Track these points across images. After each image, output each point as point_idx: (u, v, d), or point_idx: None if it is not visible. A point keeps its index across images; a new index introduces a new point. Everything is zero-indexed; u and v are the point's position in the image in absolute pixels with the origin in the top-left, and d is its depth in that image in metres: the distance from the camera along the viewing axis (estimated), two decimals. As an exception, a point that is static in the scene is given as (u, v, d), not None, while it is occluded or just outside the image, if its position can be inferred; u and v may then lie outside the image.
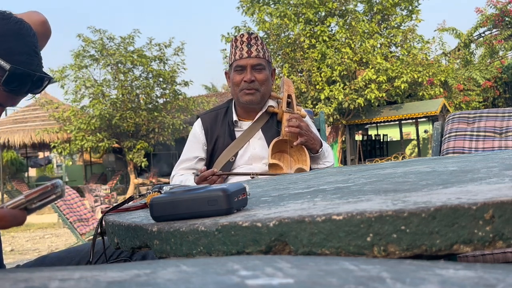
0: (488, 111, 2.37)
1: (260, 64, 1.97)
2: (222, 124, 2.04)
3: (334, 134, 14.57)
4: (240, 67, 1.97)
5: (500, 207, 0.49)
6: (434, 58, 15.05)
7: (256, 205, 0.73)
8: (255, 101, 1.99)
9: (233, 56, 1.99)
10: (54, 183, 0.70)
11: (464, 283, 0.27)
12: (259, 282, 0.28)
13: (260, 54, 1.97)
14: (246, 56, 1.95)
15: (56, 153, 15.85)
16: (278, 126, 2.03)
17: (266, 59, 2.00)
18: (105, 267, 0.35)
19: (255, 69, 1.96)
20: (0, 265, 1.24)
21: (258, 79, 1.97)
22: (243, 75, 1.96)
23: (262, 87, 1.99)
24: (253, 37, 1.98)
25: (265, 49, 2.00)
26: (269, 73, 2.02)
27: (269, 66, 2.03)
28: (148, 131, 14.60)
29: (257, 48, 1.97)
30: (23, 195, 0.70)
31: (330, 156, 2.06)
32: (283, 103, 2.05)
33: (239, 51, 1.97)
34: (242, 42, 1.97)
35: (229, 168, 1.97)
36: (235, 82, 1.99)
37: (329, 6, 12.94)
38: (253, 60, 1.95)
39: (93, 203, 8.98)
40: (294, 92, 2.14)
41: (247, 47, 1.96)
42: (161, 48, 14.60)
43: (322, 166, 2.01)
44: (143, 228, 0.68)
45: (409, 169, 1.06)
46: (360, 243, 0.52)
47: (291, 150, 1.98)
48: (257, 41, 1.98)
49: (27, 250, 6.03)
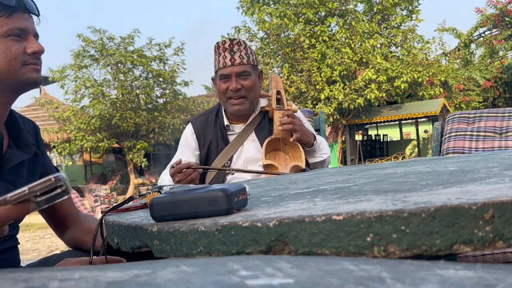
0: (488, 111, 2.37)
1: (245, 71, 1.92)
2: (214, 129, 2.02)
3: (334, 134, 14.57)
4: (224, 76, 1.93)
5: (500, 207, 0.49)
6: (434, 58, 15.05)
7: (256, 205, 0.73)
8: (244, 110, 1.97)
9: (217, 64, 1.95)
10: (57, 176, 0.70)
11: (464, 283, 0.27)
12: (259, 282, 0.28)
13: (244, 60, 1.92)
14: (229, 64, 1.91)
15: (56, 153, 15.83)
16: (270, 125, 2.01)
17: (251, 64, 1.95)
18: (105, 267, 0.35)
19: (240, 76, 1.92)
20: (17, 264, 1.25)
21: (245, 86, 1.93)
22: (228, 84, 1.93)
23: (250, 94, 1.95)
24: (235, 43, 1.93)
25: (249, 53, 1.95)
26: (255, 77, 1.98)
27: (255, 70, 1.99)
28: (148, 131, 14.60)
29: (240, 55, 1.92)
30: (26, 187, 0.70)
31: (325, 147, 2.03)
32: (272, 100, 2.02)
33: (222, 58, 1.93)
34: (225, 50, 1.92)
35: (225, 172, 1.96)
36: (221, 90, 1.96)
37: (329, 6, 12.94)
38: (237, 68, 1.91)
39: (93, 203, 8.99)
40: (283, 87, 2.11)
41: (230, 55, 1.91)
42: (161, 48, 14.60)
43: (319, 159, 1.99)
44: (143, 228, 0.68)
45: (409, 169, 1.06)
46: (360, 243, 0.52)
47: (285, 147, 1.96)
48: (240, 47, 1.93)
49: (27, 250, 6.03)
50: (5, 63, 1.09)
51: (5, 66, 1.09)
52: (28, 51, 1.11)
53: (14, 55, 1.09)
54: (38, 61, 1.14)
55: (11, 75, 1.10)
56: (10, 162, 1.12)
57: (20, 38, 1.11)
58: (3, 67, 1.09)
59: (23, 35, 1.12)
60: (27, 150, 1.17)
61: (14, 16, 1.10)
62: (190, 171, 1.78)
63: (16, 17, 1.11)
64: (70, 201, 1.37)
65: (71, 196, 1.36)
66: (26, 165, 1.18)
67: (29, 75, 1.12)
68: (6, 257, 1.18)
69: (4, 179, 1.11)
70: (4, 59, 1.09)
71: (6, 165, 1.11)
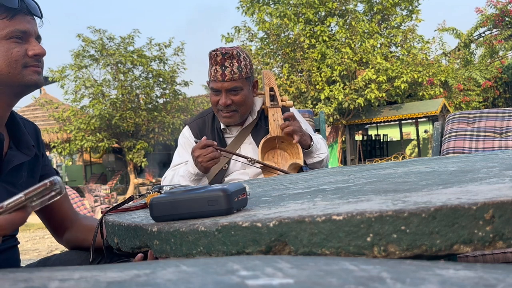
0: (488, 111, 2.37)
1: (236, 87, 1.88)
2: (212, 131, 2.02)
3: (334, 134, 14.57)
4: (215, 90, 1.90)
5: (500, 207, 0.49)
6: (434, 58, 15.05)
7: (256, 205, 0.73)
8: (234, 122, 1.97)
9: (209, 74, 1.93)
10: (52, 179, 0.70)
11: (464, 283, 0.27)
12: (259, 282, 0.28)
13: (236, 76, 1.86)
14: (220, 80, 1.87)
15: (56, 153, 15.83)
16: (266, 124, 1.99)
17: (244, 77, 1.89)
18: (105, 267, 0.35)
19: (230, 91, 1.89)
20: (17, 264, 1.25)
21: (235, 102, 1.90)
22: (218, 97, 1.90)
23: (241, 108, 1.93)
24: (227, 57, 1.86)
25: (242, 66, 1.88)
26: (248, 90, 1.93)
27: (249, 82, 1.94)
28: (148, 131, 14.60)
29: (231, 70, 1.86)
30: (22, 194, 0.70)
31: (322, 147, 2.02)
32: (266, 98, 2.00)
33: (213, 71, 1.88)
34: (216, 63, 1.87)
35: (222, 175, 1.95)
36: (212, 102, 1.94)
37: (329, 6, 12.94)
38: (228, 84, 1.87)
39: (93, 203, 8.99)
40: (276, 83, 2.08)
41: (221, 69, 1.86)
42: (161, 48, 14.60)
43: (317, 159, 1.98)
44: (143, 228, 0.68)
45: (409, 169, 1.06)
46: (360, 243, 0.52)
47: (283, 144, 1.94)
48: (232, 60, 1.86)
49: (27, 250, 6.02)
50: (6, 65, 1.09)
51: (6, 69, 1.09)
52: (29, 54, 1.11)
53: (15, 58, 1.09)
54: (39, 64, 1.14)
55: (12, 78, 1.10)
56: (10, 163, 1.12)
57: (22, 41, 1.11)
58: (4, 69, 1.09)
59: (25, 37, 1.12)
60: (28, 152, 1.17)
61: (16, 18, 1.10)
62: (210, 150, 1.78)
63: (18, 19, 1.11)
64: (69, 203, 1.37)
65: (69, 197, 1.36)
66: (26, 167, 1.18)
67: (30, 77, 1.12)
68: (6, 257, 1.18)
69: (4, 180, 1.11)
70: (5, 61, 1.09)
71: (6, 167, 1.11)
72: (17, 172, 1.15)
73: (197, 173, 1.85)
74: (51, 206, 1.31)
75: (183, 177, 1.89)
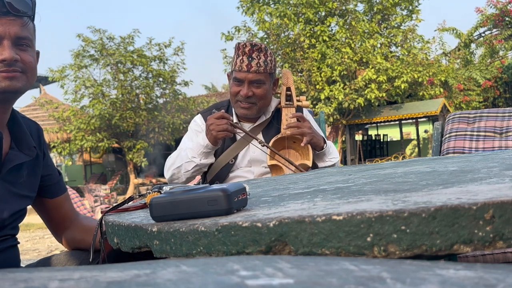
0: (488, 111, 2.37)
1: (259, 79, 1.89)
2: None
3: (334, 134, 14.57)
4: (238, 80, 1.90)
5: (500, 207, 0.49)
6: (434, 58, 15.05)
7: (256, 205, 0.73)
8: (251, 115, 1.96)
9: (234, 64, 1.92)
10: None
11: (464, 283, 0.27)
12: (259, 282, 0.28)
13: (261, 69, 1.88)
14: (245, 70, 1.87)
15: (56, 153, 15.83)
16: (279, 123, 1.98)
17: (268, 72, 1.91)
18: (105, 267, 0.35)
19: (253, 84, 1.89)
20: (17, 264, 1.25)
21: (256, 94, 1.90)
22: (240, 88, 1.90)
23: (260, 102, 1.93)
24: (255, 49, 1.88)
25: (268, 60, 1.90)
26: (269, 85, 1.94)
27: (271, 78, 1.95)
28: (148, 131, 14.60)
29: (258, 62, 1.87)
30: None
31: (334, 151, 2.01)
32: (282, 97, 2.00)
33: (239, 61, 1.88)
34: (244, 53, 1.88)
35: (228, 169, 1.94)
36: (232, 92, 1.94)
37: (329, 6, 12.94)
38: (252, 76, 1.87)
39: (93, 203, 8.98)
40: (293, 84, 2.09)
41: (247, 60, 1.87)
42: (161, 48, 14.60)
43: (329, 163, 1.96)
44: (143, 228, 0.68)
45: (409, 169, 1.06)
46: (360, 243, 0.52)
47: (295, 144, 1.93)
48: (259, 53, 1.88)
49: (27, 250, 6.02)
50: None
51: None
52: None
53: None
54: (11, 68, 1.05)
55: None
56: (10, 162, 1.12)
57: None
58: None
59: None
60: (29, 152, 1.16)
61: None
62: (225, 121, 1.79)
63: None
64: (69, 202, 1.37)
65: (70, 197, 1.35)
66: (27, 166, 1.18)
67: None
68: (6, 257, 1.18)
69: (4, 179, 1.11)
70: None
71: (6, 166, 1.11)
72: (17, 171, 1.14)
73: (206, 145, 1.84)
74: (53, 205, 1.32)
75: (192, 150, 1.89)
